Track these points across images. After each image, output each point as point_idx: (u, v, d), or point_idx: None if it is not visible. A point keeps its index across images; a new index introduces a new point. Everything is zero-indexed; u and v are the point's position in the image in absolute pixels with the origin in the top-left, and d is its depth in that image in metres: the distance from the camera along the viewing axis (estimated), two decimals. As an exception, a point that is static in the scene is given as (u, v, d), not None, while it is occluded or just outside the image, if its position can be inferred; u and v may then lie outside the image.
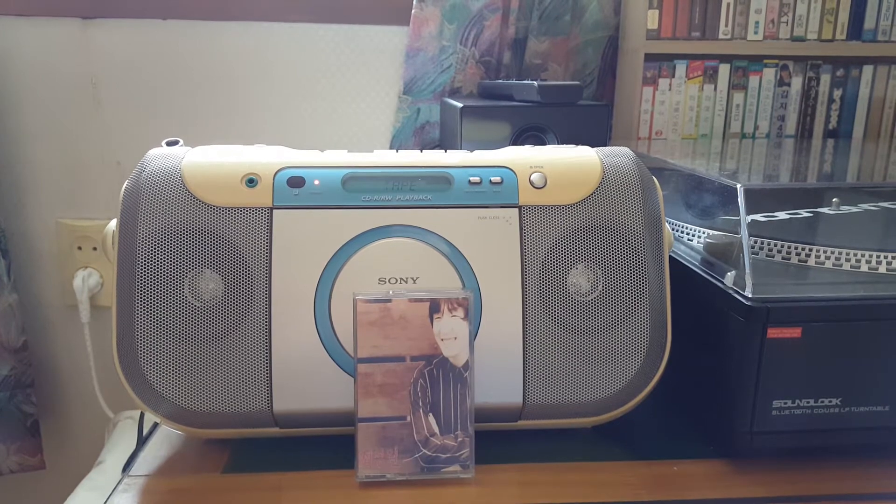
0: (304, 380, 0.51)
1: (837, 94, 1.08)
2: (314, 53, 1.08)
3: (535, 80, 0.90)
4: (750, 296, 0.49)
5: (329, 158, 0.54)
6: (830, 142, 1.06)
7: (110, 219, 0.54)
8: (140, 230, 0.50)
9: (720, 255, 0.56)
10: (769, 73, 1.06)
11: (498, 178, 0.53)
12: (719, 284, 0.52)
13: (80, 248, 1.12)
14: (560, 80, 1.06)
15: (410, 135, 1.08)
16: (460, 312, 0.49)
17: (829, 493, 0.49)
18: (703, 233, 0.62)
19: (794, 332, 0.48)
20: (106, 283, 1.13)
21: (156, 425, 0.57)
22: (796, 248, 0.56)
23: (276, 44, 1.07)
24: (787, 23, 1.04)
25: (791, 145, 1.01)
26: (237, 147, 0.55)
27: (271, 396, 0.51)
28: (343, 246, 0.51)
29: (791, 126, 1.09)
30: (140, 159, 0.53)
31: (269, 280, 0.51)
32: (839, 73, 1.07)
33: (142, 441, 0.56)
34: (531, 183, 0.53)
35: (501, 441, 0.54)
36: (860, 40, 1.06)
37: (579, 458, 0.53)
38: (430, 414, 0.49)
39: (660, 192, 0.54)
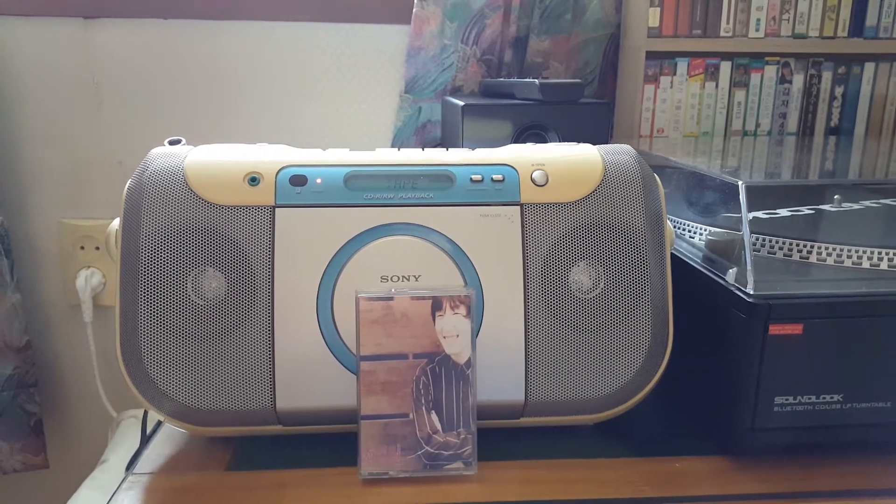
0: (307, 378, 0.51)
1: (839, 91, 1.08)
2: (315, 53, 1.08)
3: (537, 78, 0.90)
4: (751, 293, 0.49)
5: (331, 157, 0.54)
6: (832, 139, 1.06)
7: (112, 218, 0.55)
8: (143, 229, 0.50)
9: (722, 253, 0.56)
10: (770, 71, 1.06)
11: (500, 176, 0.53)
12: (721, 281, 0.52)
13: (82, 247, 1.12)
14: (561, 79, 1.06)
15: (412, 133, 1.08)
16: (462, 310, 0.49)
17: (831, 490, 0.49)
18: (705, 230, 0.62)
19: (796, 329, 0.48)
20: (108, 282, 1.13)
21: (159, 424, 0.57)
22: (798, 245, 0.56)
23: (277, 43, 1.08)
24: (788, 20, 1.04)
25: (793, 142, 1.01)
26: (239, 146, 0.55)
27: (274, 394, 0.51)
28: (345, 244, 0.51)
29: (793, 123, 1.09)
30: (142, 158, 0.54)
31: (271, 278, 0.51)
32: (841, 70, 1.07)
33: (145, 439, 0.56)
34: (533, 181, 0.53)
35: (504, 438, 0.54)
36: (861, 37, 1.06)
37: (581, 455, 0.53)
38: (433, 411, 0.49)
39: (661, 190, 0.54)
